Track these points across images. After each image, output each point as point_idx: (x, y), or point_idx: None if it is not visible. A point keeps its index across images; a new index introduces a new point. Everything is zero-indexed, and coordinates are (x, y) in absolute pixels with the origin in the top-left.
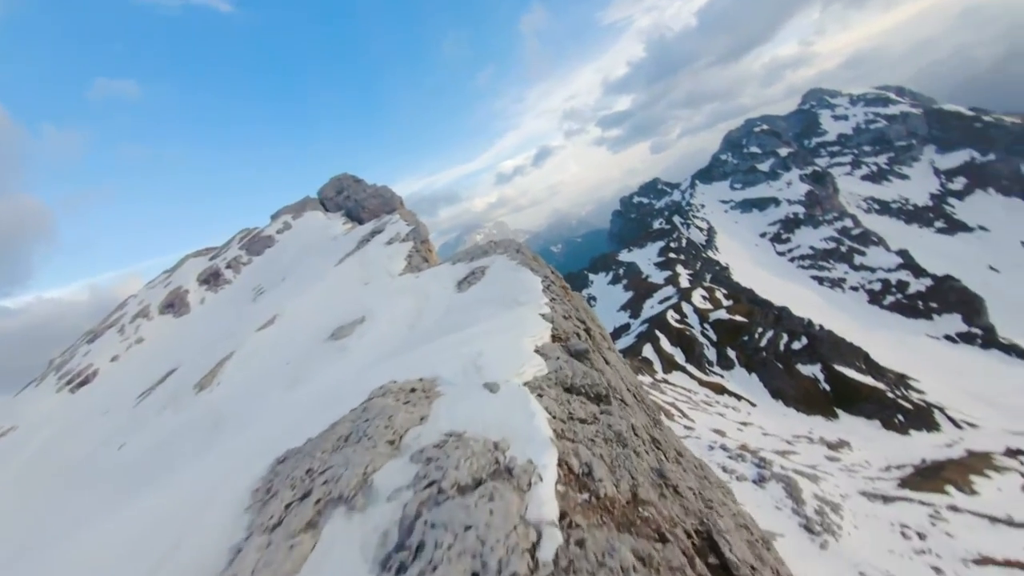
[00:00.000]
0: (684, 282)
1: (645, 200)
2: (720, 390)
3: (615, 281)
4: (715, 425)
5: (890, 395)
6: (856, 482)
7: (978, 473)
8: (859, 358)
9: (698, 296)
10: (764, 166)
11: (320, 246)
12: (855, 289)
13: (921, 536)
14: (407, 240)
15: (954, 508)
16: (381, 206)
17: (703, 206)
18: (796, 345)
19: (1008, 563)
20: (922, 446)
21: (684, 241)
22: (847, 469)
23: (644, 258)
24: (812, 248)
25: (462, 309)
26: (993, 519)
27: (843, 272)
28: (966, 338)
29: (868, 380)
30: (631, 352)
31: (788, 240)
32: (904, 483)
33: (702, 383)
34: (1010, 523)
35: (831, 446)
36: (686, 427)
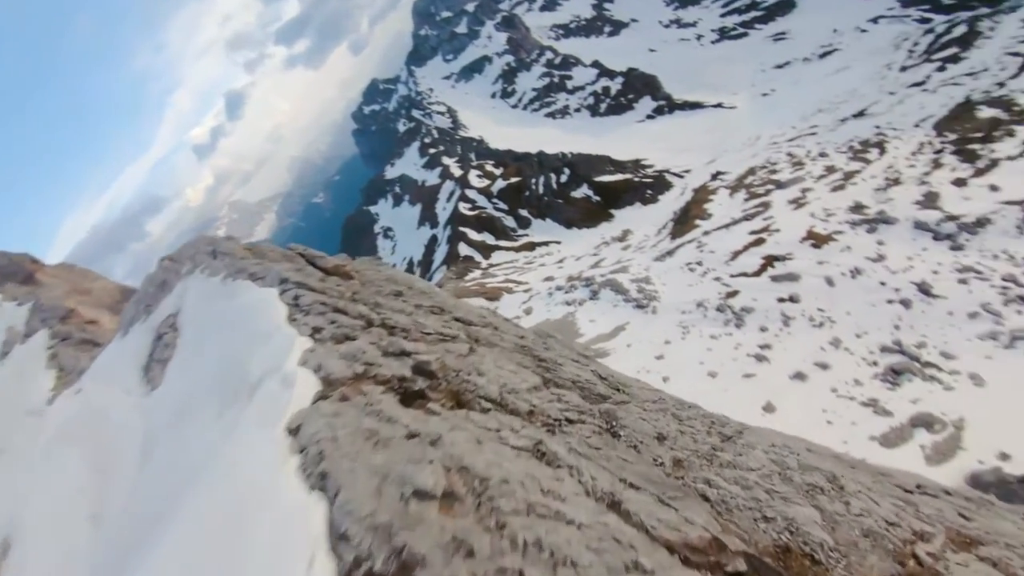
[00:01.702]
0: (456, 171)
1: (376, 107)
2: (532, 247)
3: (397, 202)
4: (543, 276)
5: (636, 180)
6: (647, 254)
7: (705, 202)
8: (606, 164)
9: (474, 177)
10: (462, 27)
11: None
12: (578, 110)
13: (699, 262)
14: (39, 328)
15: (705, 232)
16: None
17: (432, 90)
18: (563, 178)
19: (750, 245)
20: (668, 203)
21: (435, 132)
22: (638, 248)
23: (410, 165)
24: (534, 89)
25: (167, 446)
26: (727, 225)
27: (564, 100)
28: (659, 111)
29: (618, 177)
30: (452, 258)
31: (513, 92)
32: (672, 234)
33: (517, 250)
34: (734, 222)
35: (620, 239)
36: (525, 291)
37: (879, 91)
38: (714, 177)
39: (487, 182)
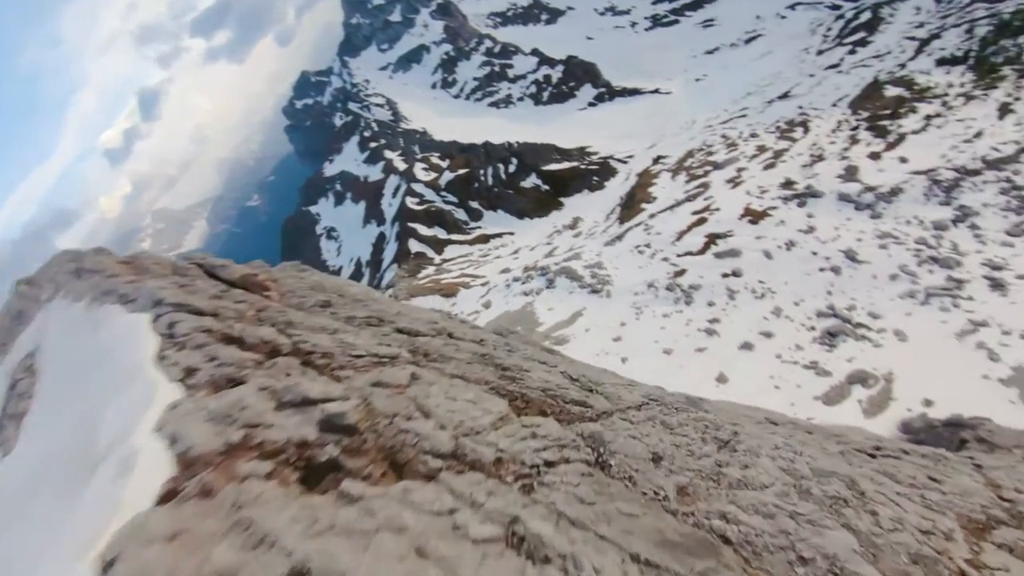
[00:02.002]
0: (400, 165)
1: (309, 101)
2: (485, 239)
3: (340, 200)
4: (500, 268)
5: (582, 167)
6: (598, 239)
7: (649, 186)
8: (552, 152)
9: (420, 170)
10: (395, 16)
11: None
12: (521, 99)
13: (647, 245)
14: None
15: (651, 215)
16: None
17: (368, 81)
18: (511, 168)
19: (693, 225)
20: (614, 189)
21: (375, 125)
22: (588, 234)
23: (350, 160)
24: (475, 79)
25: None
26: (671, 207)
27: (507, 89)
28: (600, 98)
29: (565, 165)
30: (402, 256)
31: (454, 81)
32: (620, 219)
33: (470, 243)
34: (678, 203)
35: (571, 227)
36: (483, 284)
37: (800, 73)
38: (656, 161)
39: (434, 175)
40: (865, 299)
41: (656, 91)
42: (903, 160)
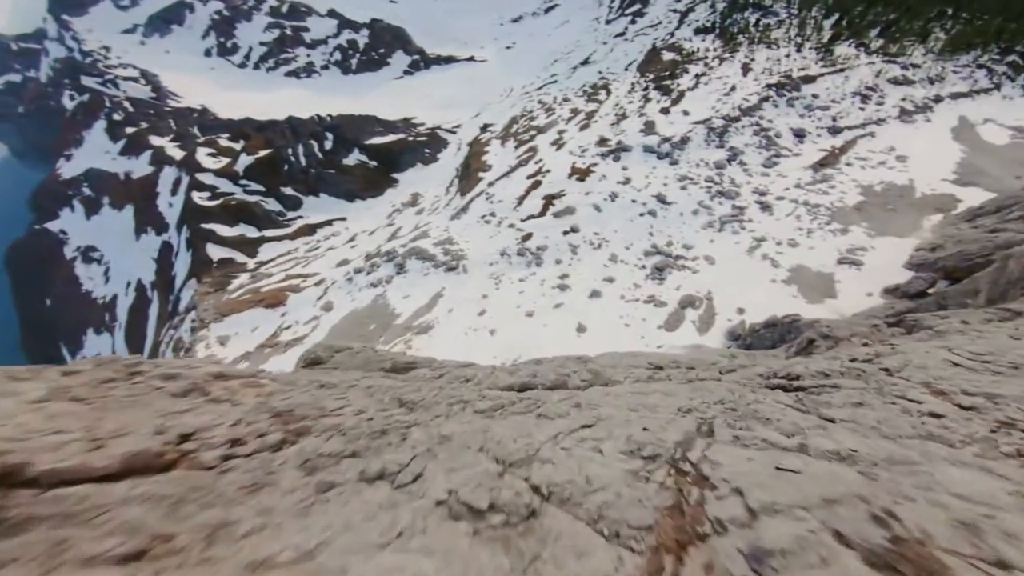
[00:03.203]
0: (175, 152)
1: (15, 78)
2: (311, 230)
3: (93, 209)
4: (335, 261)
5: (410, 139)
6: (443, 214)
7: (482, 154)
8: (373, 124)
9: (205, 157)
10: None
11: None
12: (326, 67)
13: (492, 213)
14: None
15: (490, 183)
16: None
17: (108, 48)
18: (327, 144)
19: (530, 189)
20: (448, 161)
21: (127, 104)
22: (432, 210)
23: (98, 153)
24: (263, 44)
25: None
26: (507, 173)
27: (306, 55)
28: (415, 66)
29: (391, 138)
30: (201, 267)
31: (235, 47)
32: (460, 191)
33: (292, 237)
34: (512, 169)
35: (411, 204)
36: (317, 283)
37: (595, 42)
38: (483, 130)
39: (226, 161)
40: (678, 234)
41: (471, 59)
42: (686, 113)
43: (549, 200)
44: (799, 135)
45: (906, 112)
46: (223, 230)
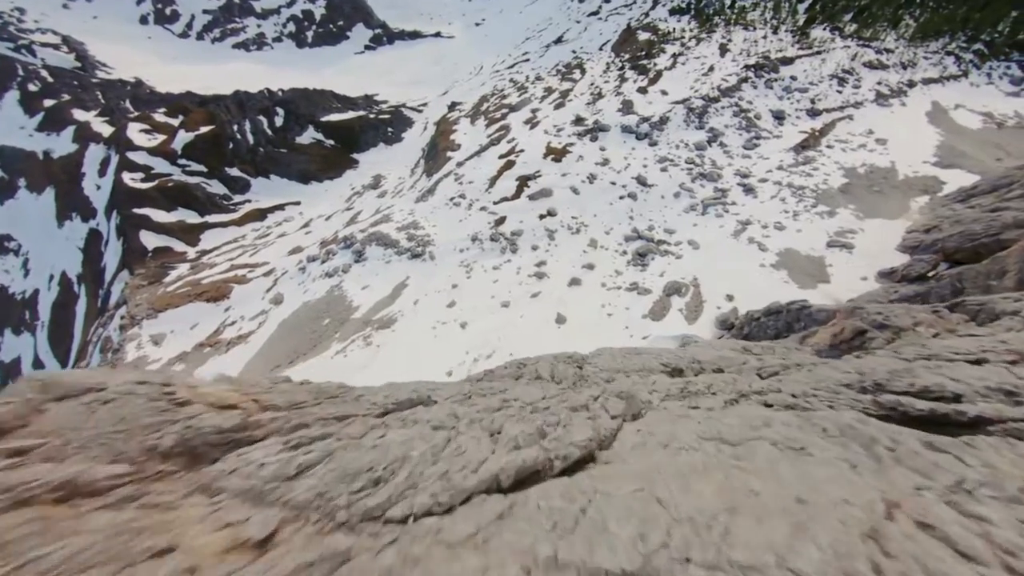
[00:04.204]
0: (103, 128)
1: None
2: (260, 215)
3: (8, 193)
4: (287, 248)
5: (371, 117)
6: (407, 197)
7: (451, 133)
8: (330, 100)
9: (137, 134)
10: None
11: None
12: (279, 39)
13: (462, 195)
14: None
15: (459, 163)
16: None
17: (21, 11)
18: (278, 120)
19: (503, 169)
20: (413, 140)
21: (45, 74)
22: (395, 193)
23: (11, 129)
24: (207, 12)
25: None
26: (478, 152)
27: (255, 25)
28: (377, 40)
29: (350, 115)
30: (133, 257)
31: (176, 15)
32: (427, 171)
33: (239, 223)
34: (483, 148)
35: (373, 186)
36: (266, 274)
37: (568, 20)
38: (452, 108)
39: (161, 138)
40: (659, 218)
41: (438, 34)
42: (664, 93)
43: (524, 181)
44: (779, 117)
45: (882, 96)
46: (159, 215)
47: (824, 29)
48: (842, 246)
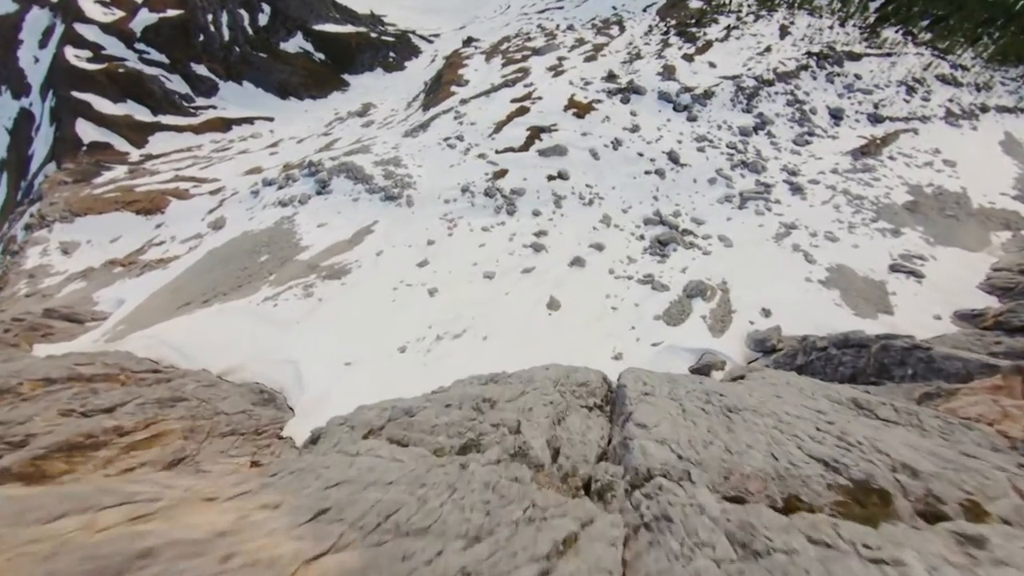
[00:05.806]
0: None
1: None
2: (224, 125)
3: None
4: (246, 167)
5: (373, 36)
6: (395, 130)
7: (460, 67)
8: (329, 7)
9: (91, 3)
10: None
11: None
12: None
13: (459, 137)
14: None
15: (463, 100)
16: None
17: None
18: (262, 18)
19: (514, 115)
20: (417, 72)
21: None
22: (383, 125)
23: None
24: None
25: None
26: (487, 92)
27: None
28: None
29: (349, 29)
30: (65, 148)
31: None
32: (424, 105)
33: (197, 130)
34: (495, 88)
35: (360, 114)
36: (213, 192)
37: None
38: (467, 43)
39: (120, 14)
40: (688, 204)
41: None
42: (712, 65)
43: (536, 133)
44: (836, 116)
45: (952, 114)
46: (103, 105)
47: (897, 31)
48: (909, 272)
